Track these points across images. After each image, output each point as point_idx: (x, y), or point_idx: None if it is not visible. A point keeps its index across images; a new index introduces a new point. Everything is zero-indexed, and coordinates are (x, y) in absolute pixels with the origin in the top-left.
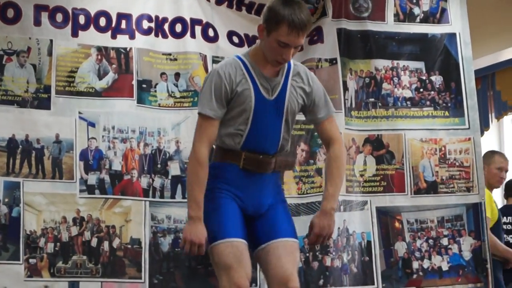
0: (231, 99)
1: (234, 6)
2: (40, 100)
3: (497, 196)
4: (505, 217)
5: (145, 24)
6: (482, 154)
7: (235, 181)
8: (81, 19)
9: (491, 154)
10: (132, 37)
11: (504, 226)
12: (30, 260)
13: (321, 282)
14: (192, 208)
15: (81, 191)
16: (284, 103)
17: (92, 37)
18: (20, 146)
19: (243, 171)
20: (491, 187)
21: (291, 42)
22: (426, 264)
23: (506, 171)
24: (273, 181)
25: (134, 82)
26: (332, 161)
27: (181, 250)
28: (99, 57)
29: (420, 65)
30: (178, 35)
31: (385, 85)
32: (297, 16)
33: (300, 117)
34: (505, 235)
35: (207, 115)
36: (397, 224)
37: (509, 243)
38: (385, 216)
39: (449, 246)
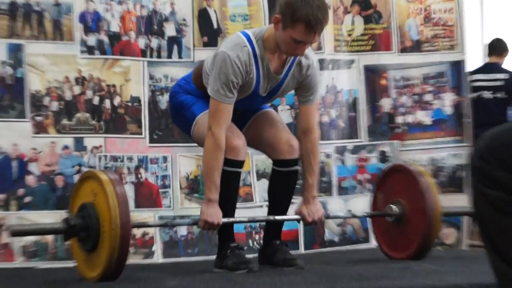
0: (240, 85)
1: None
2: None
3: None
4: (485, 74)
5: None
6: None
7: None
8: None
9: None
10: None
11: (484, 83)
12: (37, 118)
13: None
14: (211, 191)
15: (81, 52)
16: (274, 95)
17: None
18: (22, 9)
19: None
20: None
21: (306, 40)
22: (410, 118)
23: None
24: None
25: None
26: (310, 152)
27: (198, 227)
28: None
29: None
30: None
31: None
32: (314, 17)
33: None
34: (483, 91)
35: (223, 101)
36: (383, 81)
37: (484, 98)
38: (372, 74)
39: (432, 102)
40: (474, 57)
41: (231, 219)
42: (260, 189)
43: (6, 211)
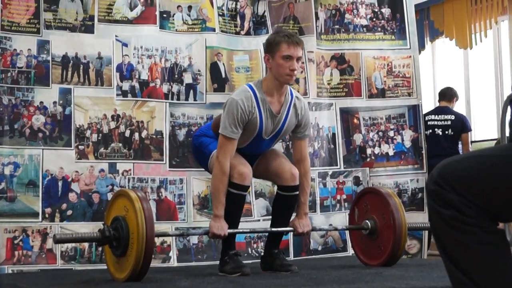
0: (244, 125)
1: None
2: (86, 26)
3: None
4: (436, 115)
5: None
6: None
7: None
8: None
9: None
10: None
11: (435, 122)
12: (80, 147)
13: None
14: (218, 208)
15: (117, 95)
16: (275, 138)
17: None
18: (71, 61)
19: None
20: None
21: (292, 53)
22: (377, 150)
23: None
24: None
25: (157, 13)
26: (303, 177)
27: (209, 237)
28: None
29: (373, 0)
30: None
31: (347, 16)
32: (289, 35)
33: None
34: (435, 129)
35: (229, 137)
36: (355, 121)
37: (436, 134)
38: (346, 114)
39: (394, 137)
40: (427, 102)
41: (235, 230)
42: (258, 206)
43: (51, 222)
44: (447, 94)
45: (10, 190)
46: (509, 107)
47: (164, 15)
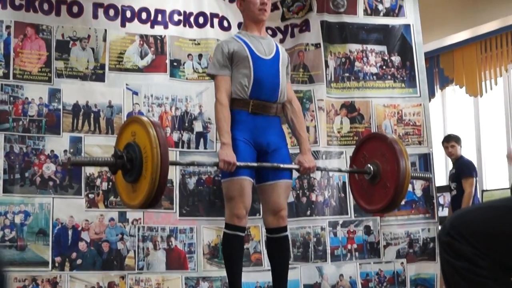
0: (231, 59)
1: None
2: (97, 75)
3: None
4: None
5: (176, 17)
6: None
7: (247, 123)
8: (128, 14)
9: None
10: (166, 27)
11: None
12: (90, 195)
13: (308, 212)
14: (224, 137)
15: None
16: (279, 60)
17: (136, 27)
18: (82, 110)
19: (251, 114)
20: None
21: None
22: None
23: None
24: (276, 123)
25: (168, 61)
26: (297, 113)
27: (218, 169)
28: (141, 42)
29: (383, 48)
30: (201, 26)
31: (357, 64)
32: None
33: None
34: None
35: (219, 74)
36: None
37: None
38: None
39: None
40: (438, 150)
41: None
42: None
43: (61, 271)
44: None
45: (20, 239)
46: None
47: (175, 64)
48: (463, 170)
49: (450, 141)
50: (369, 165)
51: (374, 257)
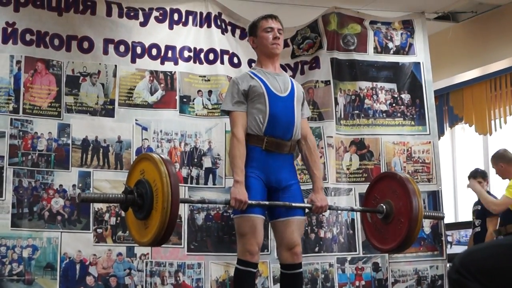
0: (247, 95)
1: None
2: (107, 110)
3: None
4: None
5: (186, 54)
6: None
7: (259, 161)
8: (138, 50)
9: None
10: (176, 63)
11: None
12: (98, 230)
13: (316, 249)
14: (238, 174)
15: None
16: (294, 97)
17: (146, 63)
18: (91, 145)
19: (265, 151)
20: None
21: (272, 25)
22: None
23: None
24: (289, 161)
25: (177, 97)
26: (312, 151)
27: (229, 207)
28: (151, 78)
29: (393, 86)
30: (211, 62)
31: (366, 101)
32: (266, 14)
33: None
34: None
35: (234, 110)
36: None
37: None
38: None
39: None
40: (447, 188)
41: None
42: None
43: None
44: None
45: (28, 273)
46: None
47: (184, 100)
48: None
49: (477, 177)
50: (381, 204)
51: None
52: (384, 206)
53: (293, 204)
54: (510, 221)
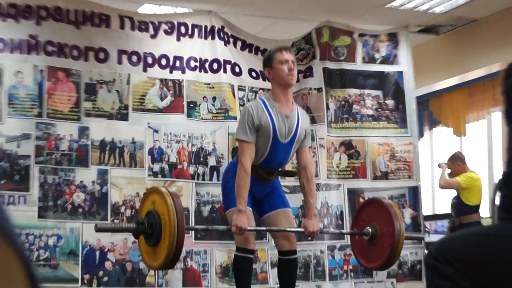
0: (258, 129)
1: (253, 52)
2: (122, 115)
3: None
4: None
5: (192, 63)
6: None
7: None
8: (149, 60)
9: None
10: (183, 72)
11: None
12: (115, 221)
13: (309, 238)
14: (241, 203)
15: (149, 175)
16: (294, 141)
17: (157, 72)
18: (108, 145)
19: (256, 180)
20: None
21: (287, 57)
22: None
23: None
24: (275, 180)
25: (185, 103)
26: (310, 180)
27: (232, 233)
28: (161, 86)
29: (379, 93)
30: (215, 71)
31: (355, 106)
32: (281, 45)
33: None
34: None
35: (245, 141)
36: (361, 200)
37: None
38: (353, 195)
39: None
40: (426, 184)
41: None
42: (273, 275)
43: (89, 287)
44: None
45: (53, 258)
46: (498, 193)
47: (191, 105)
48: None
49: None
50: (368, 227)
51: (367, 277)
52: (370, 229)
53: (288, 229)
54: (463, 212)
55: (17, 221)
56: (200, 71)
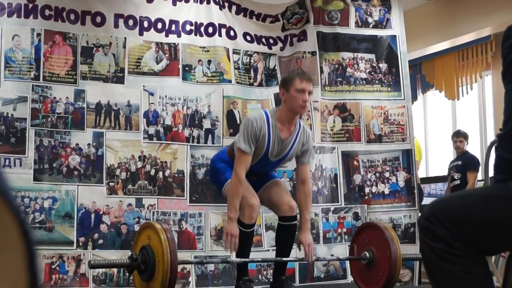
0: (256, 140)
1: (248, 16)
2: (117, 78)
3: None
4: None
5: (188, 27)
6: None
7: None
8: (145, 24)
9: None
10: (179, 36)
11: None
12: (110, 184)
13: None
14: (232, 212)
15: (144, 138)
16: (281, 160)
17: (153, 36)
18: (104, 108)
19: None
20: None
21: (305, 87)
22: (374, 189)
23: None
24: None
25: (180, 66)
26: (307, 196)
27: (222, 241)
28: (157, 49)
29: (372, 56)
30: (210, 35)
31: (348, 70)
32: (301, 71)
33: None
34: None
35: (244, 151)
36: (355, 163)
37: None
38: (347, 157)
39: (390, 178)
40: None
41: (247, 260)
42: (268, 237)
43: (84, 249)
44: None
45: (49, 221)
46: (492, 151)
47: (187, 68)
48: (470, 164)
49: (460, 136)
50: (365, 252)
51: None
52: (367, 254)
53: (283, 259)
54: None
55: (13, 184)
56: (195, 34)
